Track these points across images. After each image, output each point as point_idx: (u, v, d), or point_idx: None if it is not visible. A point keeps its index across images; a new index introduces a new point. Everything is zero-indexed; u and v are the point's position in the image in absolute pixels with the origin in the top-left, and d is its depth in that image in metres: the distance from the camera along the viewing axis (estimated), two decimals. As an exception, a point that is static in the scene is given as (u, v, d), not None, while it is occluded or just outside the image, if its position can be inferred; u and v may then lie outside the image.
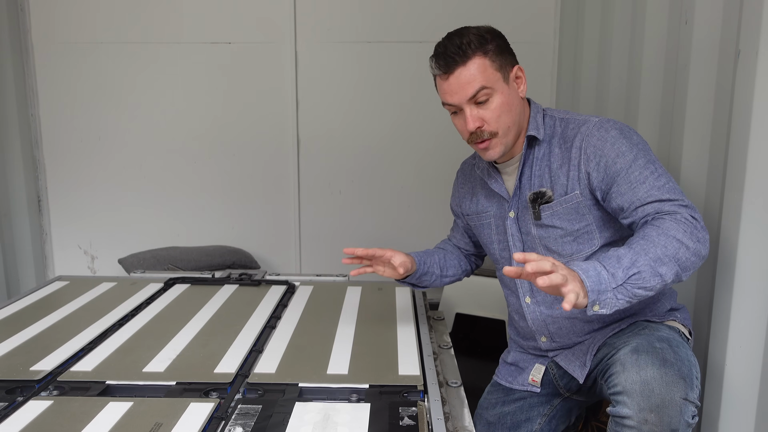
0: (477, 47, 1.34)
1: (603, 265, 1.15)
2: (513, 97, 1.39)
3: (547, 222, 1.42)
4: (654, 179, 1.29)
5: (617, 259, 1.16)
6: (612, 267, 1.14)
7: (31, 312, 1.84)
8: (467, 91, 1.34)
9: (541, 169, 1.43)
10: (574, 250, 1.42)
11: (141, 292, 2.05)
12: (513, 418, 1.61)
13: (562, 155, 1.40)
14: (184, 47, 2.94)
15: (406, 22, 2.88)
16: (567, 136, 1.40)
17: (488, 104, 1.36)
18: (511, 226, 1.50)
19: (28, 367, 1.43)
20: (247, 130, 3.00)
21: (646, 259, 1.16)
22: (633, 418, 1.18)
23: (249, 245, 3.05)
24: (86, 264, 3.12)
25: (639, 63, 1.89)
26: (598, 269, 1.14)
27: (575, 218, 1.39)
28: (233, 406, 1.27)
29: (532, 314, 1.51)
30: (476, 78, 1.34)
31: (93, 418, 1.20)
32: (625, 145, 1.32)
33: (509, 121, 1.38)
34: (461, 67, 1.34)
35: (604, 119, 1.39)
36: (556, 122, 1.44)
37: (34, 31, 2.92)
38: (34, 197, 3.04)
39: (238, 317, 1.81)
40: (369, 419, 1.21)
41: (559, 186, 1.40)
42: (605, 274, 1.13)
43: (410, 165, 3.02)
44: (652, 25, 1.80)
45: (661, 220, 1.24)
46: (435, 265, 1.66)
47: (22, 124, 2.93)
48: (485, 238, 1.60)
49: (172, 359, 1.50)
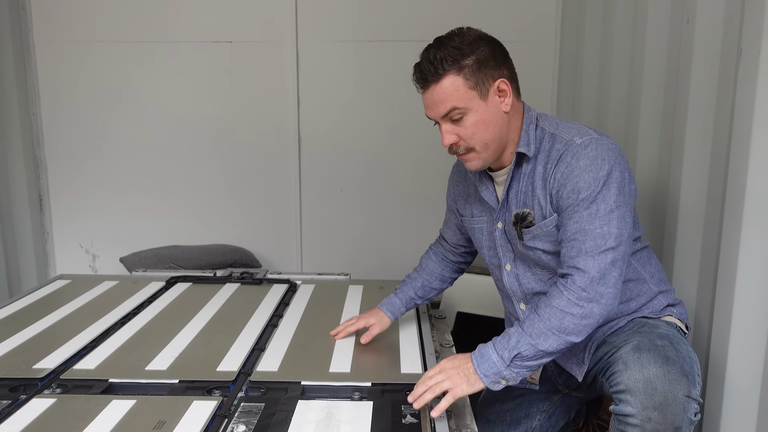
0: (451, 64, 1.28)
1: (495, 347, 1.26)
2: (491, 114, 1.32)
3: (529, 244, 1.40)
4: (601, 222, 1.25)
5: (507, 338, 1.26)
6: (501, 349, 1.26)
7: (34, 310, 1.84)
8: (440, 109, 1.32)
9: (526, 186, 1.39)
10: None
11: (143, 291, 2.05)
12: (512, 414, 1.61)
13: (543, 176, 1.36)
14: (185, 46, 2.94)
15: (407, 22, 2.88)
16: (551, 156, 1.35)
17: (462, 122, 1.32)
18: (499, 237, 1.48)
19: (31, 365, 1.44)
20: (248, 128, 3.01)
21: (527, 339, 1.24)
22: (636, 416, 1.18)
23: (250, 244, 3.05)
24: (87, 263, 3.12)
25: (640, 62, 1.89)
26: (490, 353, 1.26)
27: (556, 239, 1.36)
28: (236, 404, 1.27)
29: None
30: (448, 97, 1.29)
31: (96, 416, 1.20)
32: (588, 179, 1.26)
33: (486, 137, 1.33)
34: (434, 85, 1.30)
35: (587, 141, 1.31)
36: (545, 136, 1.38)
37: (36, 30, 2.92)
38: (35, 196, 3.04)
39: (240, 316, 1.81)
40: (372, 417, 1.22)
41: (538, 208, 1.37)
42: (495, 357, 1.25)
43: (411, 164, 3.02)
44: (653, 23, 1.80)
45: (554, 288, 1.28)
46: (418, 299, 1.71)
47: (24, 122, 2.94)
48: (477, 241, 1.59)
49: (175, 357, 1.50)
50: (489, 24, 2.83)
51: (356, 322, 1.62)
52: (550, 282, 1.43)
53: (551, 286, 1.35)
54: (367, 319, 1.62)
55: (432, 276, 1.71)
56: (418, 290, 1.70)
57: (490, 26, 2.78)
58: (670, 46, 1.74)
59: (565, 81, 2.77)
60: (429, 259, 1.74)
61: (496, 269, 1.54)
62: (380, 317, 1.64)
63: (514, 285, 1.49)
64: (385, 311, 1.65)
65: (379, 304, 1.67)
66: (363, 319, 1.63)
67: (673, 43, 1.71)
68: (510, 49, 1.41)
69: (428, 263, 1.73)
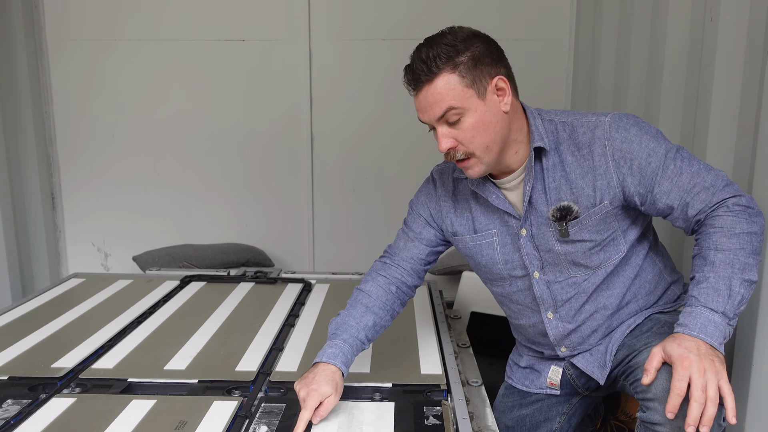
0: (445, 62, 1.20)
1: (709, 308, 1.14)
2: (491, 114, 1.24)
3: (575, 237, 1.33)
4: (687, 166, 1.24)
5: (715, 292, 1.15)
6: (717, 305, 1.14)
7: (49, 309, 1.84)
8: (434, 111, 1.23)
9: (556, 180, 1.31)
10: (602, 259, 1.35)
11: (158, 290, 2.05)
12: (532, 419, 1.59)
13: (580, 164, 1.30)
14: (197, 44, 2.93)
15: (419, 19, 2.86)
16: (580, 142, 1.30)
17: (460, 124, 1.23)
18: (525, 244, 1.37)
19: (49, 364, 1.44)
20: (260, 127, 2.99)
21: (739, 277, 1.15)
22: (665, 425, 1.14)
23: (262, 243, 3.04)
24: (99, 261, 3.12)
25: (660, 62, 1.86)
26: (709, 318, 1.13)
27: (603, 228, 1.32)
28: (256, 405, 1.26)
29: (555, 329, 1.44)
30: (444, 97, 1.21)
31: (118, 416, 1.19)
32: (651, 140, 1.26)
33: (487, 140, 1.25)
34: (427, 85, 1.21)
35: (614, 116, 1.28)
36: (557, 127, 1.32)
37: (49, 29, 2.92)
38: (48, 194, 3.04)
39: (256, 315, 1.81)
40: (394, 418, 1.21)
41: (584, 198, 1.30)
42: (718, 318, 1.13)
43: (424, 163, 2.97)
44: (674, 22, 1.77)
45: (719, 218, 1.21)
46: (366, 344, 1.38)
47: (37, 121, 2.94)
48: (484, 258, 1.44)
49: (193, 357, 1.50)
50: (503, 22, 2.86)
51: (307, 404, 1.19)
52: (583, 286, 1.37)
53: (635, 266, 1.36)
54: (320, 391, 1.21)
55: (384, 311, 1.41)
56: (369, 331, 1.37)
57: (504, 24, 2.81)
58: (691, 44, 1.72)
59: (580, 79, 2.74)
60: (381, 289, 1.43)
61: (516, 281, 1.44)
62: (335, 380, 1.24)
63: (545, 293, 1.40)
64: (339, 365, 1.27)
65: (325, 357, 1.28)
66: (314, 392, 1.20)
67: (694, 42, 1.69)
68: (524, 48, 1.37)
69: (380, 293, 1.42)
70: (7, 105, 2.78)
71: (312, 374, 1.24)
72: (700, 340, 1.11)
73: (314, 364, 1.28)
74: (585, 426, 1.69)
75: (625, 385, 1.36)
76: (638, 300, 1.40)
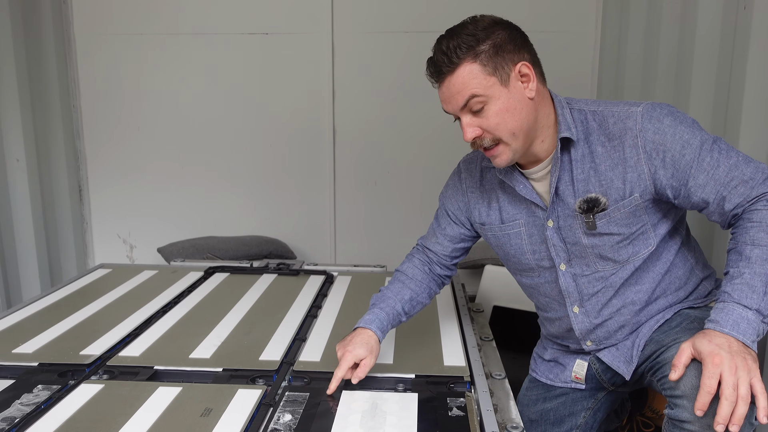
0: (466, 51, 1.21)
1: (743, 305, 1.11)
2: (516, 100, 1.24)
3: (603, 230, 1.31)
4: (725, 158, 1.21)
5: (749, 287, 1.12)
6: (751, 301, 1.11)
7: (77, 298, 1.88)
8: (458, 101, 1.23)
9: (584, 172, 1.30)
10: (630, 253, 1.33)
11: (182, 280, 2.07)
12: (556, 413, 1.58)
13: (610, 155, 1.28)
14: (220, 38, 2.96)
15: (442, 12, 2.84)
16: (610, 133, 1.28)
17: (484, 112, 1.23)
18: (552, 236, 1.36)
19: (78, 351, 1.46)
20: (283, 121, 3.02)
21: None
22: (695, 422, 1.12)
23: (285, 235, 3.06)
24: (125, 253, 3.17)
25: (690, 53, 1.82)
26: (742, 315, 1.10)
27: (632, 221, 1.30)
28: (280, 394, 1.27)
29: (580, 324, 1.43)
30: (466, 87, 1.22)
31: (144, 402, 1.21)
32: (685, 131, 1.23)
33: (513, 126, 1.25)
34: (449, 76, 1.23)
35: (647, 105, 1.26)
36: (587, 116, 1.30)
37: (76, 24, 2.97)
38: (75, 187, 3.10)
39: (279, 306, 1.82)
40: (418, 409, 1.21)
41: (613, 190, 1.29)
42: (751, 315, 1.10)
43: (447, 157, 2.97)
44: (705, 10, 1.73)
45: (757, 212, 1.18)
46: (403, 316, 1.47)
47: (65, 115, 3.00)
48: (512, 248, 1.45)
49: (218, 346, 1.51)
50: (529, 15, 2.82)
51: (341, 364, 1.31)
52: (610, 280, 1.35)
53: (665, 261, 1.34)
54: (355, 352, 1.31)
55: (421, 287, 1.50)
56: (405, 304, 1.46)
57: (529, 17, 2.77)
58: (723, 34, 1.67)
59: (607, 71, 2.70)
60: (416, 269, 1.53)
61: (544, 272, 1.43)
62: (370, 344, 1.34)
63: (570, 286, 1.39)
64: (375, 330, 1.37)
65: (362, 323, 1.39)
66: (349, 354, 1.31)
67: (726, 31, 1.65)
68: (549, 40, 1.36)
69: (416, 273, 1.52)
70: (36, 99, 2.84)
71: (350, 337, 1.35)
72: (731, 338, 1.08)
73: (353, 330, 1.38)
74: (611, 422, 1.67)
75: (652, 381, 1.33)
76: (668, 296, 1.38)
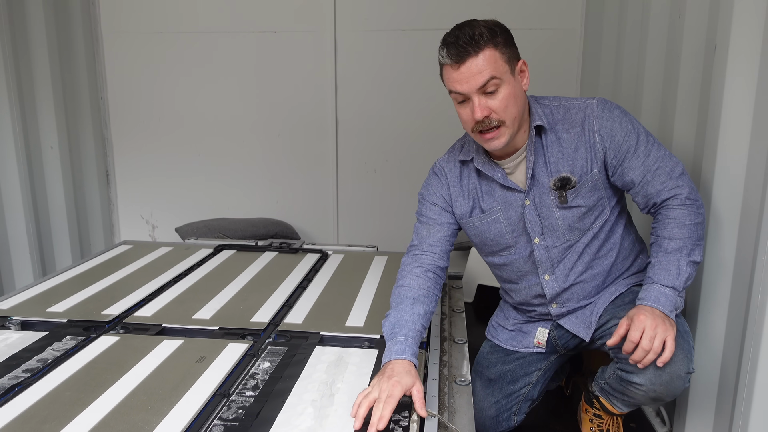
0: (488, 39, 1.37)
1: (662, 284, 1.39)
2: (518, 90, 1.43)
3: (572, 203, 1.53)
4: (655, 150, 1.47)
5: (666, 270, 1.40)
6: (669, 282, 1.39)
7: (102, 269, 2.14)
8: (477, 81, 1.37)
9: (554, 155, 1.52)
10: (590, 222, 1.55)
11: (193, 256, 2.32)
12: (513, 374, 1.78)
13: (573, 139, 1.50)
14: (234, 36, 3.19)
15: (438, 10, 3.02)
16: (573, 121, 1.50)
17: (496, 95, 1.39)
18: (529, 213, 1.55)
19: (100, 311, 1.72)
20: (290, 112, 3.24)
21: (685, 260, 1.40)
22: (644, 386, 1.40)
23: (291, 218, 3.31)
24: (147, 232, 3.46)
25: (678, 45, 1.73)
26: (662, 292, 1.38)
27: (593, 194, 1.52)
28: (264, 348, 1.51)
29: (551, 289, 1.63)
30: (487, 68, 1.36)
31: (151, 351, 1.46)
32: (629, 122, 1.48)
33: (515, 112, 1.42)
34: (473, 58, 1.36)
35: (600, 100, 1.51)
36: (552, 110, 1.53)
37: (103, 22, 3.23)
38: (103, 172, 3.38)
39: (275, 279, 2.05)
40: (375, 362, 1.43)
41: (578, 168, 1.50)
42: (669, 292, 1.38)
43: (441, 147, 3.17)
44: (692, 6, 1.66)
45: (672, 210, 1.45)
46: (423, 332, 1.45)
47: (93, 106, 3.27)
48: (493, 234, 1.61)
49: (217, 310, 1.75)
50: (517, 12, 2.98)
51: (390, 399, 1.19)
52: (575, 247, 1.57)
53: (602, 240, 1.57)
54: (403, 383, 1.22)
55: (430, 298, 1.51)
56: (423, 319, 1.45)
57: (518, 15, 2.94)
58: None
59: (588, 68, 2.84)
60: (420, 279, 1.53)
61: (520, 248, 1.61)
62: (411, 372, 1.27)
63: (543, 257, 1.59)
64: (409, 357, 1.32)
65: (396, 353, 1.32)
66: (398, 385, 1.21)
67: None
68: (537, 37, 1.48)
69: (420, 283, 1.52)
70: (68, 93, 3.11)
71: (389, 370, 1.25)
72: (654, 308, 1.36)
73: (385, 365, 1.30)
74: (553, 381, 1.89)
75: (604, 346, 1.56)
76: (617, 263, 1.61)
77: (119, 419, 1.17)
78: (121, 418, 1.17)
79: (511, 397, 1.75)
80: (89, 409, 1.20)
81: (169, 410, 1.20)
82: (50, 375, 1.34)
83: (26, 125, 2.89)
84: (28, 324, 1.65)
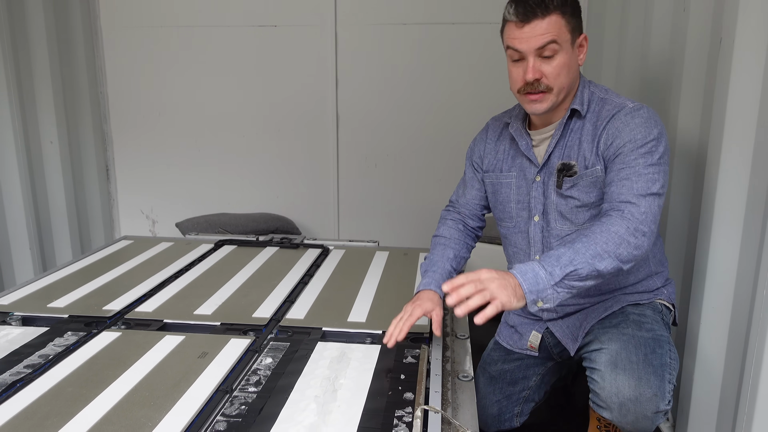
0: (558, 5, 1.37)
1: (542, 265, 1.26)
2: (573, 61, 1.44)
3: (566, 193, 1.52)
4: (644, 167, 1.36)
5: (557, 258, 1.27)
6: (550, 266, 1.26)
7: (103, 264, 2.14)
8: (538, 41, 1.37)
9: (572, 141, 1.50)
10: (585, 219, 1.53)
11: (194, 251, 2.32)
12: (512, 375, 1.79)
13: (591, 132, 1.48)
14: (234, 30, 3.17)
15: (439, 4, 3.01)
16: (602, 116, 1.47)
17: (552, 60, 1.39)
18: (536, 189, 1.57)
19: (101, 306, 1.72)
20: (291, 108, 3.23)
21: (583, 258, 1.26)
22: (612, 419, 1.38)
23: (292, 213, 3.30)
24: (147, 227, 3.45)
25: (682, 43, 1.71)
26: (536, 270, 1.25)
27: (592, 191, 1.49)
28: (266, 343, 1.51)
29: None
30: (550, 31, 1.37)
31: (153, 347, 1.46)
32: (641, 133, 1.38)
33: (565, 81, 1.43)
34: (539, 20, 1.37)
35: (639, 106, 1.44)
36: (595, 99, 1.50)
37: (103, 17, 3.22)
38: (103, 167, 3.38)
39: (276, 274, 2.05)
40: (378, 357, 1.43)
41: (581, 160, 1.49)
42: (543, 274, 1.25)
43: (442, 141, 3.18)
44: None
45: (610, 218, 1.33)
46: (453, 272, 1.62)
47: (93, 101, 3.26)
48: (502, 196, 1.65)
49: (218, 305, 1.75)
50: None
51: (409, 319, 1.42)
52: (566, 240, 1.54)
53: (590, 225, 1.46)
54: (423, 306, 1.45)
55: (460, 245, 1.69)
56: (452, 261, 1.63)
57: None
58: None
59: (590, 53, 2.80)
60: (451, 229, 1.73)
61: (520, 222, 1.63)
62: (434, 299, 1.48)
63: (537, 236, 1.60)
64: (434, 288, 1.52)
65: (424, 285, 1.55)
66: (418, 308, 1.44)
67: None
68: None
69: (452, 233, 1.72)
70: (67, 87, 3.11)
71: (416, 297, 1.50)
72: (514, 277, 1.24)
73: (415, 295, 1.53)
74: (560, 379, 1.89)
75: (585, 361, 1.52)
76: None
77: (121, 415, 1.16)
78: (124, 414, 1.17)
79: (512, 399, 1.76)
80: (91, 405, 1.20)
81: (172, 406, 1.19)
82: (52, 371, 1.34)
83: (26, 120, 2.88)
84: (29, 319, 1.65)
